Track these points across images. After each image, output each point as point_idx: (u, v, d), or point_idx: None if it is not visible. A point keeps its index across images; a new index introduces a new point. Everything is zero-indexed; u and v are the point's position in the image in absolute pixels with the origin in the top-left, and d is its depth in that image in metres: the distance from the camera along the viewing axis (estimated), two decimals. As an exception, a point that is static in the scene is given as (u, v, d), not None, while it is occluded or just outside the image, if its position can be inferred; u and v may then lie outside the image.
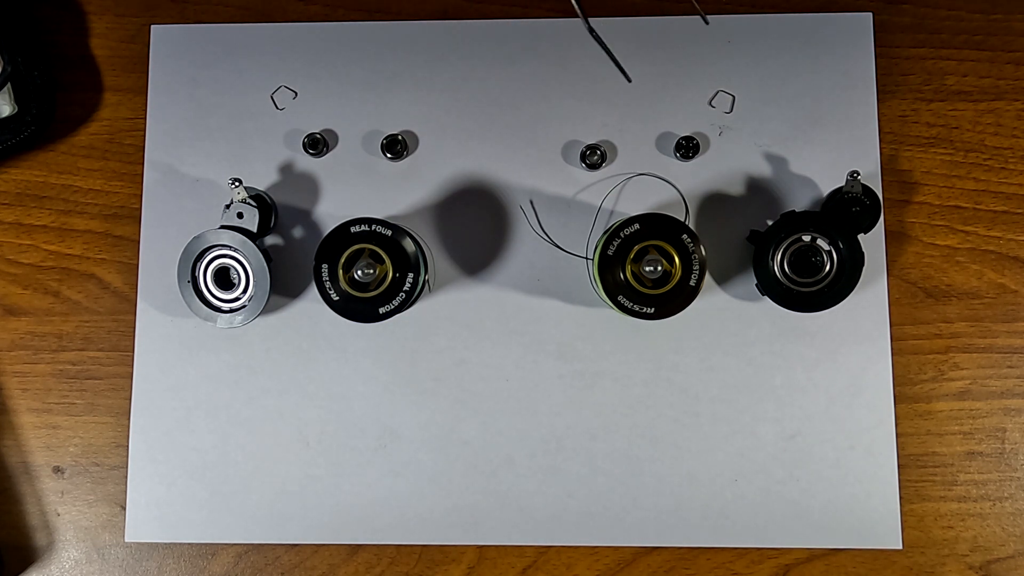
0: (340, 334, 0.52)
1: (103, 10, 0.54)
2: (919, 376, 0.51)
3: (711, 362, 0.51)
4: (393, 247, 0.47)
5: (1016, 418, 0.51)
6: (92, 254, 0.53)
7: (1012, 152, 0.52)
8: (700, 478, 0.51)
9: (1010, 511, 0.50)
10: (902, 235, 0.52)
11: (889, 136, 0.52)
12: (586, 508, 0.51)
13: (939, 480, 0.50)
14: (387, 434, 0.51)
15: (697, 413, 0.51)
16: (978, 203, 0.52)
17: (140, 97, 0.54)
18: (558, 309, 0.52)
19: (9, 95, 0.52)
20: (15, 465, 0.52)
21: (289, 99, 0.53)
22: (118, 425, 0.52)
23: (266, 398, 0.52)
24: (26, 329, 0.53)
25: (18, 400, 0.52)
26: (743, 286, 0.51)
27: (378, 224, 0.47)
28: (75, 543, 0.52)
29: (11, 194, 0.53)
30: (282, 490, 0.51)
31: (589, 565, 0.51)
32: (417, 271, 0.47)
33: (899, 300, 0.51)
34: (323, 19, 0.54)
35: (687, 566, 0.50)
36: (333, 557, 0.51)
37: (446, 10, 0.54)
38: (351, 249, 0.47)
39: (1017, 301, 0.51)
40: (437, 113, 0.53)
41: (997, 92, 0.52)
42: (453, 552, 0.51)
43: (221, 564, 0.51)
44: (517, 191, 0.52)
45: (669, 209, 0.51)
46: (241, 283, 0.49)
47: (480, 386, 0.51)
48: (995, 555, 0.50)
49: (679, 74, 0.53)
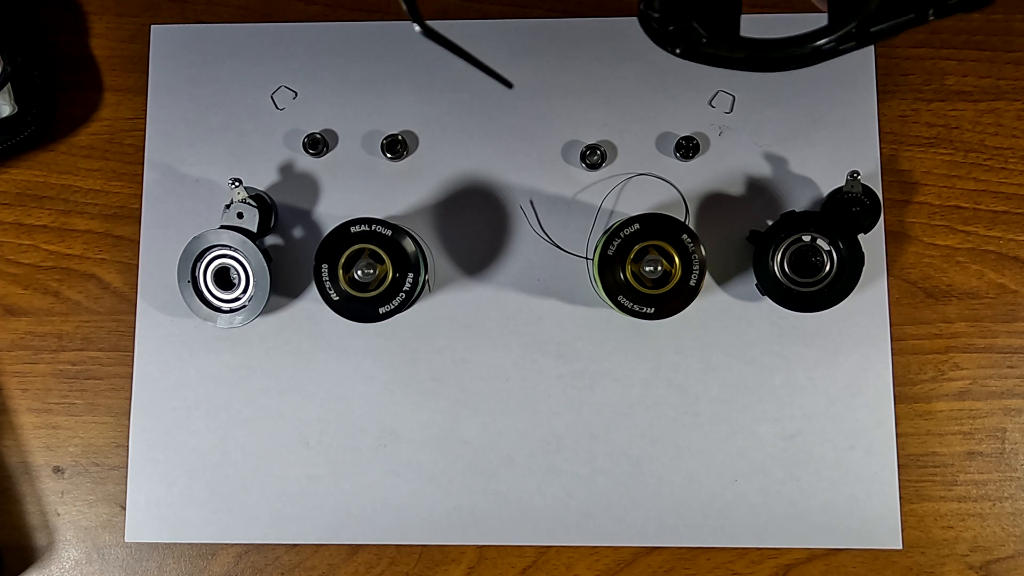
0: (340, 334, 0.52)
1: (103, 10, 0.54)
2: (919, 376, 0.51)
3: (711, 362, 0.51)
4: (393, 247, 0.47)
5: (1016, 418, 0.51)
6: (92, 254, 0.53)
7: (1012, 152, 0.52)
8: (700, 478, 0.51)
9: (1010, 511, 0.50)
10: (902, 235, 0.52)
11: (889, 136, 0.52)
12: (586, 508, 0.51)
13: (939, 480, 0.50)
14: (387, 434, 0.51)
15: (697, 413, 0.51)
16: (978, 203, 0.52)
17: (140, 97, 0.54)
18: (558, 309, 0.52)
19: (9, 95, 0.52)
20: (15, 465, 0.52)
21: (289, 99, 0.53)
22: (118, 425, 0.52)
23: (266, 398, 0.52)
24: (26, 329, 0.53)
25: (18, 400, 0.52)
26: (743, 286, 0.51)
27: (378, 224, 0.47)
28: (75, 543, 0.52)
29: (11, 194, 0.53)
30: (282, 490, 0.51)
31: (589, 565, 0.51)
32: (417, 271, 0.47)
33: (899, 300, 0.51)
34: (323, 19, 0.54)
35: (687, 566, 0.50)
36: (333, 557, 0.51)
37: (446, 10, 0.54)
38: (351, 249, 0.47)
39: (1017, 301, 0.51)
40: (437, 113, 0.53)
41: (997, 92, 0.52)
42: (453, 552, 0.51)
43: (221, 564, 0.51)
44: (517, 191, 0.52)
45: (669, 209, 0.51)
46: (241, 283, 0.49)
47: (480, 386, 0.51)
48: (995, 555, 0.50)
49: (679, 74, 0.53)
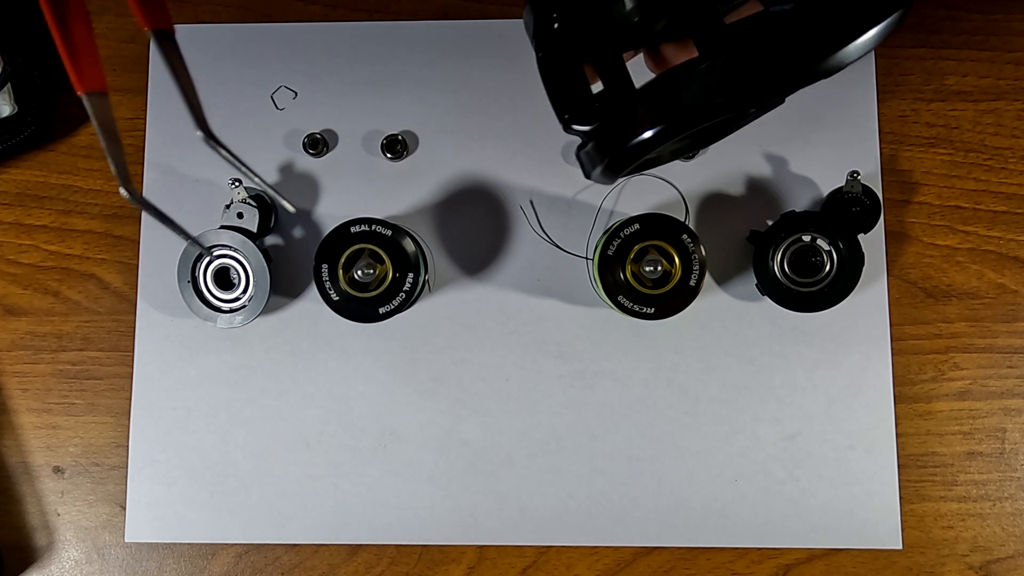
0: (340, 334, 0.52)
1: (103, 10, 0.54)
2: (919, 376, 0.51)
3: (711, 362, 0.51)
4: (393, 247, 0.47)
5: (1016, 418, 0.51)
6: (92, 254, 0.53)
7: (1012, 152, 0.52)
8: (700, 478, 0.51)
9: (1010, 511, 0.50)
10: (902, 235, 0.52)
11: (889, 136, 0.52)
12: (586, 508, 0.51)
13: (939, 480, 0.50)
14: (387, 434, 0.51)
15: (697, 413, 0.51)
16: (978, 203, 0.52)
17: (140, 97, 0.54)
18: (558, 309, 0.52)
19: (9, 95, 0.52)
20: (15, 465, 0.52)
21: (289, 99, 0.53)
22: (118, 425, 0.52)
23: (266, 398, 0.52)
24: (26, 329, 0.53)
25: (18, 400, 0.52)
26: (743, 286, 0.51)
27: (378, 224, 0.47)
28: (75, 543, 0.52)
29: (11, 194, 0.53)
30: (282, 490, 0.51)
31: (589, 565, 0.51)
32: (417, 271, 0.47)
33: (899, 300, 0.51)
34: (323, 19, 0.54)
35: (687, 566, 0.50)
36: (333, 557, 0.51)
37: (446, 10, 0.54)
38: (351, 249, 0.47)
39: (1017, 301, 0.51)
40: (437, 113, 0.53)
41: (997, 92, 0.52)
42: (453, 552, 0.51)
43: (221, 564, 0.51)
44: (517, 191, 0.52)
45: (669, 209, 0.51)
46: (241, 283, 0.49)
47: (480, 386, 0.51)
48: (995, 555, 0.50)
49: (679, 74, 0.53)
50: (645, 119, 0.26)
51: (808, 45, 0.26)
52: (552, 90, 0.28)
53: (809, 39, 0.26)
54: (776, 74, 0.26)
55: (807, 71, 0.26)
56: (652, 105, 0.26)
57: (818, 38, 0.26)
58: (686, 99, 0.25)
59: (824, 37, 0.26)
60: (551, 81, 0.27)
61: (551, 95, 0.28)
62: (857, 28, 0.26)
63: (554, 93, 0.27)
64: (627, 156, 0.26)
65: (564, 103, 0.27)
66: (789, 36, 0.26)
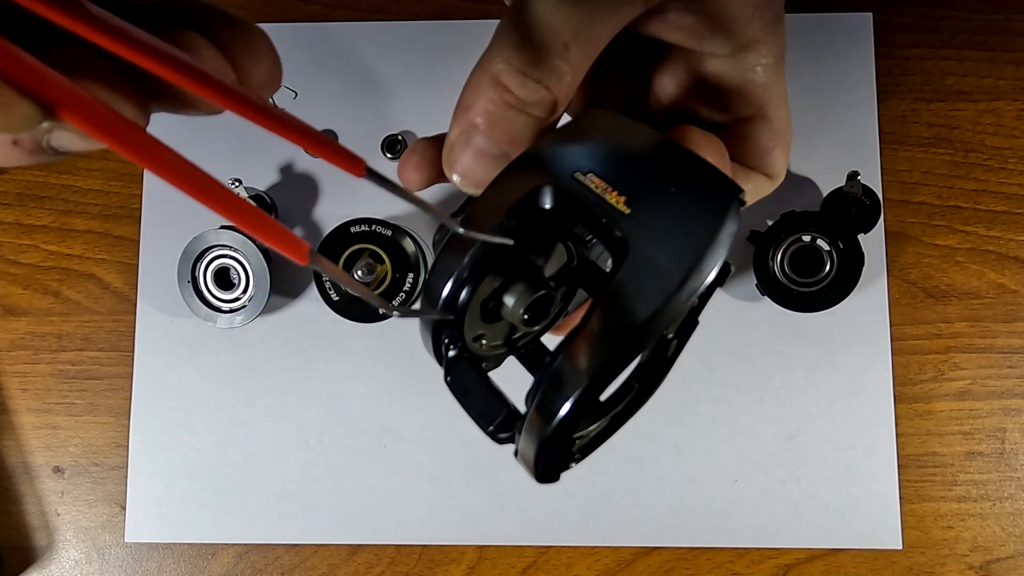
0: (340, 334, 0.52)
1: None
2: (919, 376, 0.51)
3: (711, 362, 0.51)
4: (393, 247, 0.47)
5: (1016, 418, 0.51)
6: (92, 254, 0.53)
7: (1012, 152, 0.52)
8: (700, 478, 0.51)
9: (1010, 511, 0.50)
10: (902, 235, 0.52)
11: (889, 136, 0.52)
12: (586, 508, 0.51)
13: (939, 480, 0.50)
14: (387, 434, 0.51)
15: (697, 413, 0.51)
16: (978, 203, 0.52)
17: (140, 97, 0.54)
18: (558, 309, 0.52)
19: (9, 95, 0.52)
20: (15, 465, 0.52)
21: (289, 99, 0.53)
22: (118, 425, 0.52)
23: (266, 398, 0.52)
24: (26, 329, 0.53)
25: (18, 400, 0.52)
26: (743, 286, 0.51)
27: (378, 224, 0.47)
28: (75, 543, 0.52)
29: (11, 194, 0.53)
30: (282, 490, 0.51)
31: (589, 565, 0.51)
32: (417, 271, 0.47)
33: (899, 300, 0.51)
34: (323, 19, 0.54)
35: (687, 566, 0.50)
36: (333, 557, 0.51)
37: (446, 10, 0.54)
38: (351, 249, 0.47)
39: (1017, 301, 0.51)
40: (437, 113, 0.53)
41: (997, 92, 0.52)
42: (453, 552, 0.51)
43: (221, 564, 0.51)
44: (517, 191, 0.52)
45: (669, 209, 0.51)
46: (241, 283, 0.49)
47: (480, 386, 0.51)
48: (995, 555, 0.50)
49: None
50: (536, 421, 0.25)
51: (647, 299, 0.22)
52: (469, 408, 0.27)
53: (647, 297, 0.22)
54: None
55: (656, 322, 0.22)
56: (537, 411, 0.25)
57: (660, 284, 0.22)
58: (557, 407, 0.23)
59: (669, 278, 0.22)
60: (464, 400, 0.27)
61: (469, 413, 0.27)
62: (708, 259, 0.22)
63: (471, 410, 0.27)
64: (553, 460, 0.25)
65: (483, 416, 0.27)
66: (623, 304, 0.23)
